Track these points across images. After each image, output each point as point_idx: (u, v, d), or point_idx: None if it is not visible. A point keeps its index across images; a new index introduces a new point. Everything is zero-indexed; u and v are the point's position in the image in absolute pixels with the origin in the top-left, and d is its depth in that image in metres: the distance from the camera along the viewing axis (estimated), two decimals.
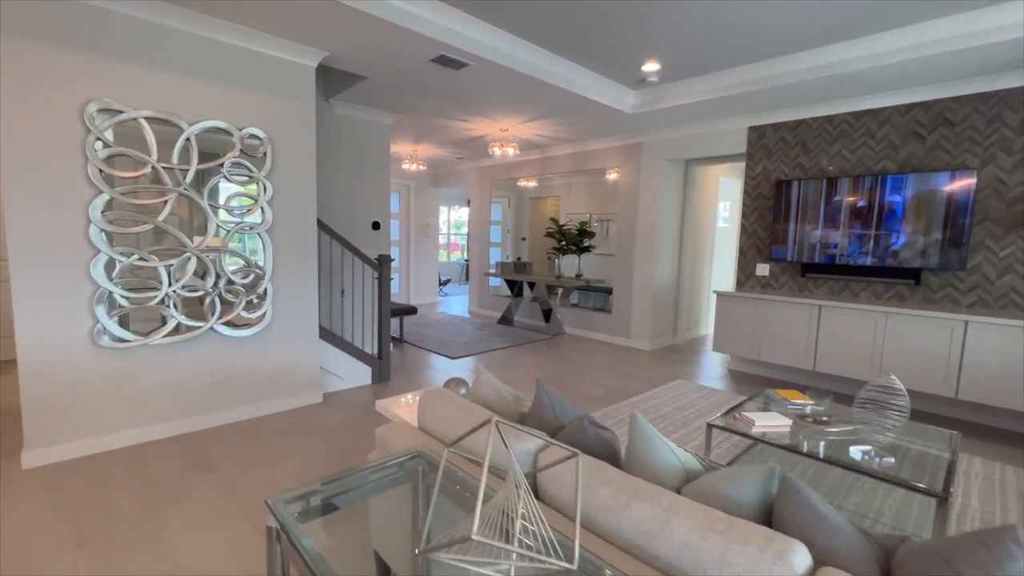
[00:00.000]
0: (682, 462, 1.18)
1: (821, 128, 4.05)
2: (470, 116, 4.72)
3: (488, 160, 7.25)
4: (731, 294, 4.20)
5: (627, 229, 5.55)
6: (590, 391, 3.87)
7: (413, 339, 5.50)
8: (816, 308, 3.72)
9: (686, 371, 4.53)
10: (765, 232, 4.43)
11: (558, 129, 5.18)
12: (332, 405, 3.41)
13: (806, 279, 4.18)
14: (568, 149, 6.06)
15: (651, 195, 5.30)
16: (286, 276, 3.19)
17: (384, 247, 4.80)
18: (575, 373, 4.37)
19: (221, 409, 3.01)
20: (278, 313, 3.17)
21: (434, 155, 6.98)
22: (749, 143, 4.49)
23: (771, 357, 4.00)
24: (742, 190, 6.74)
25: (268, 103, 3.02)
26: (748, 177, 4.53)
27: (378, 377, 3.92)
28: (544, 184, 8.32)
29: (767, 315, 4.00)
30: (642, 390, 3.91)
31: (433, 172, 8.35)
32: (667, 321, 5.61)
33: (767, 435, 2.20)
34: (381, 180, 4.77)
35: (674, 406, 3.53)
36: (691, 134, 4.86)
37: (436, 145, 6.26)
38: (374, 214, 4.74)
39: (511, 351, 5.16)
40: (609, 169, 6.02)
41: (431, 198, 8.57)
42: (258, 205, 2.98)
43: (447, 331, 6.03)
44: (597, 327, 5.94)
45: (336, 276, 4.24)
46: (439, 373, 4.27)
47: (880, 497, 2.34)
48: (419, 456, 1.24)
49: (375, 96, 4.12)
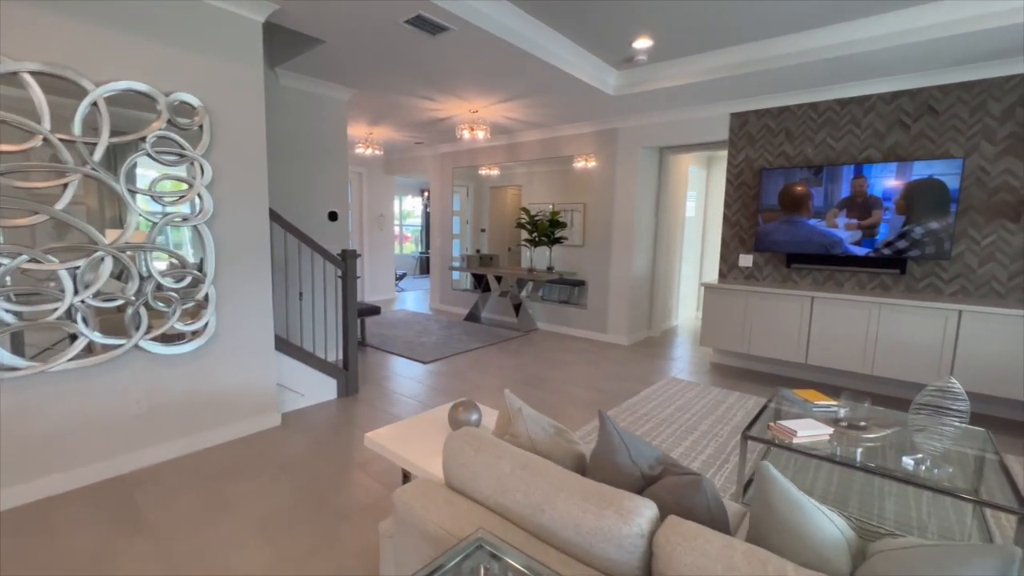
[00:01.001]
0: (841, 531, 0.88)
1: (806, 115, 3.97)
2: (438, 94, 4.25)
3: (449, 145, 6.77)
4: (720, 286, 4.06)
5: (603, 220, 5.31)
6: (581, 394, 3.59)
7: (376, 342, 4.99)
8: (808, 299, 3.65)
9: (671, 366, 4.36)
10: (748, 222, 4.32)
11: (531, 112, 4.82)
12: (294, 427, 2.90)
13: (791, 270, 4.11)
14: (537, 135, 5.72)
15: (628, 184, 5.08)
16: (233, 277, 2.63)
17: (344, 240, 4.25)
18: (560, 374, 4.08)
19: (154, 444, 2.43)
20: (224, 322, 2.62)
21: (391, 139, 6.40)
22: (731, 130, 4.35)
23: (761, 350, 3.90)
24: (724, 179, 6.73)
25: (204, 64, 2.44)
26: (730, 165, 4.40)
27: (345, 390, 3.42)
28: (505, 173, 7.95)
29: (757, 307, 3.89)
30: (634, 390, 3.69)
31: (387, 158, 7.73)
32: (643, 314, 5.45)
33: (807, 445, 2.00)
34: (337, 165, 4.20)
35: (674, 407, 3.32)
36: (671, 120, 4.67)
37: (395, 128, 5.71)
38: (331, 203, 4.18)
39: (485, 352, 4.79)
40: (578, 157, 5.75)
41: (385, 186, 7.95)
42: (193, 191, 2.40)
43: (412, 331, 5.55)
44: (571, 322, 5.69)
45: (292, 276, 3.66)
46: (412, 382, 3.83)
47: (916, 503, 2.22)
48: (481, 545, 0.87)
49: (331, 66, 3.56)
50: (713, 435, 2.89)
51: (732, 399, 3.51)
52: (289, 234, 3.10)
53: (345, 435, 2.82)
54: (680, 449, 2.70)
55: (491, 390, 3.64)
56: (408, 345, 4.89)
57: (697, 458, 2.59)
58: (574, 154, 5.53)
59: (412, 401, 3.38)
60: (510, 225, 8.90)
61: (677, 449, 2.70)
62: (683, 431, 2.94)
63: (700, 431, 2.94)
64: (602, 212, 5.32)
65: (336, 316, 3.70)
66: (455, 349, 4.79)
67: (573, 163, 6.09)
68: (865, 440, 2.09)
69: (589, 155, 5.56)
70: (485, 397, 3.48)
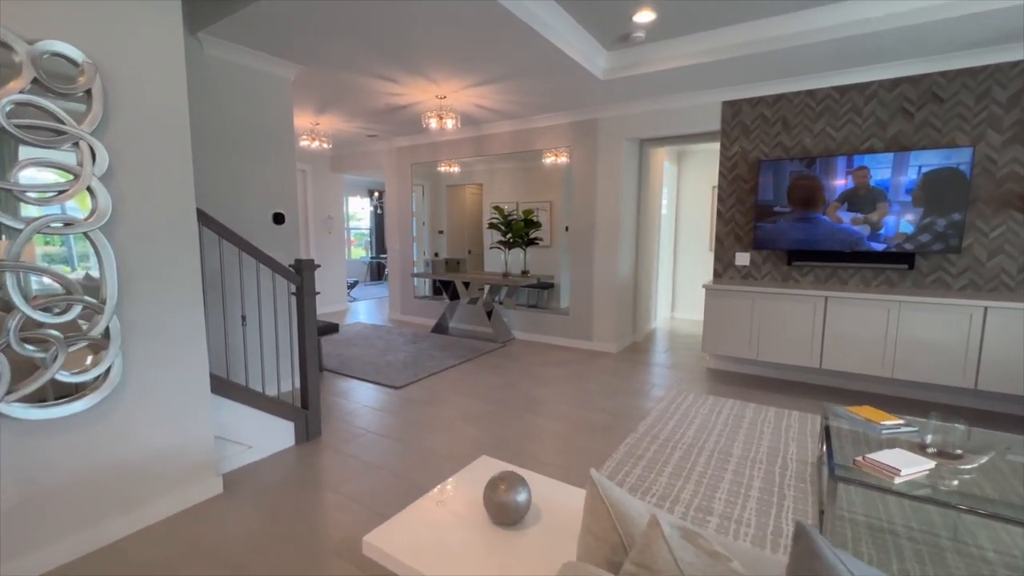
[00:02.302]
0: None
1: (803, 104, 3.74)
2: (403, 74, 3.64)
3: (407, 139, 6.12)
4: (723, 288, 3.75)
5: (585, 219, 4.90)
6: (588, 418, 3.13)
7: (335, 365, 4.28)
8: (822, 300, 3.39)
9: (670, 376, 4.01)
10: (744, 218, 4.05)
11: (505, 99, 4.31)
12: (241, 494, 2.22)
13: (791, 267, 3.88)
14: (508, 127, 5.22)
15: (611, 179, 4.70)
16: (147, 302, 1.93)
17: (294, 248, 3.54)
18: (553, 393, 3.60)
19: (31, 549, 1.69)
20: (135, 365, 1.91)
21: (340, 131, 5.66)
22: (724, 120, 4.06)
23: (771, 356, 3.62)
24: (695, 176, 6.54)
25: (94, 5, 1.73)
26: (723, 158, 4.11)
27: (305, 434, 2.75)
28: (465, 170, 7.39)
29: (765, 309, 3.61)
30: (643, 408, 3.28)
31: (335, 154, 6.94)
32: (627, 318, 5.10)
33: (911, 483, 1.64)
34: (283, 157, 3.49)
35: (695, 428, 2.93)
36: (657, 110, 4.33)
37: (346, 117, 4.99)
38: (276, 203, 3.46)
39: (462, 370, 4.22)
40: (549, 152, 5.31)
41: (333, 186, 7.14)
42: (80, 184, 1.69)
43: (375, 349, 4.87)
44: (551, 330, 5.23)
45: (232, 294, 2.93)
46: (386, 415, 3.20)
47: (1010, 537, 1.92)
48: None
49: (271, 34, 2.88)
50: (752, 461, 2.52)
51: (750, 412, 3.18)
52: (226, 242, 2.40)
53: (311, 500, 2.18)
54: (725, 485, 2.29)
55: (485, 420, 3.09)
56: (373, 367, 4.22)
57: (749, 496, 2.20)
58: (548, 148, 5.09)
59: (391, 442, 2.78)
60: (470, 226, 8.35)
61: (722, 484, 2.29)
62: (719, 459, 2.55)
63: (736, 457, 2.56)
64: (583, 210, 4.90)
65: (290, 342, 3.00)
66: (428, 369, 4.18)
67: (543, 158, 5.66)
68: (963, 472, 1.76)
69: (560, 150, 5.13)
70: (481, 429, 2.93)
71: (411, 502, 2.02)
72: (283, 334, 3.30)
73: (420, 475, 2.39)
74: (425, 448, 2.69)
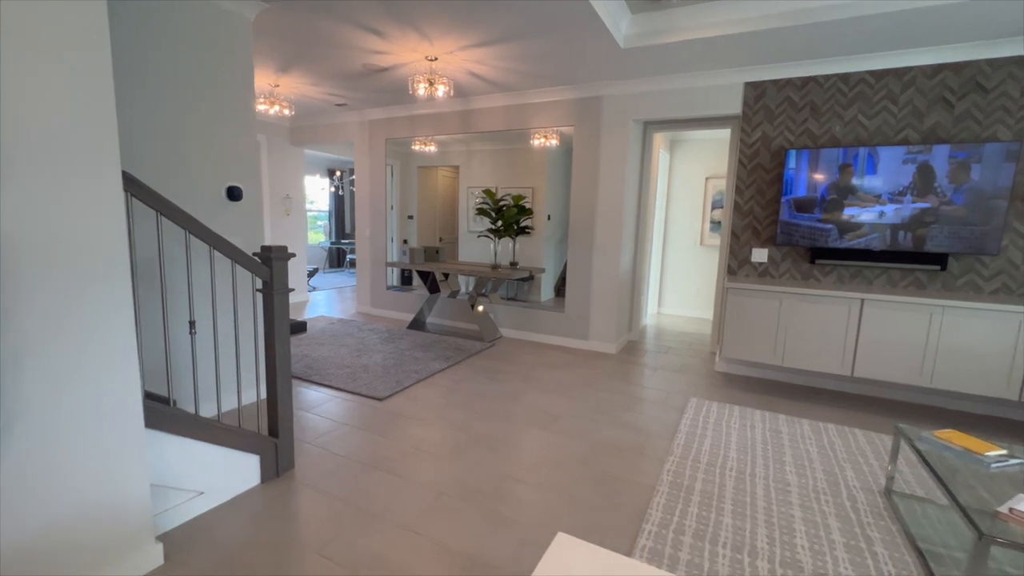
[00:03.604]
0: None
1: (835, 88, 3.44)
2: (391, 25, 3.03)
3: (383, 110, 5.43)
4: (747, 287, 3.42)
5: (585, 206, 4.46)
6: (619, 437, 2.71)
7: (303, 370, 3.64)
8: (857, 302, 3.13)
9: (682, 381, 3.67)
10: (764, 211, 3.75)
11: (504, 67, 3.77)
12: (189, 565, 1.64)
13: (813, 266, 3.61)
14: (501, 100, 4.68)
15: (616, 165, 4.28)
16: (47, 308, 1.30)
17: (256, 231, 2.88)
18: (570, 404, 3.16)
19: None
20: (30, 398, 1.29)
21: (304, 96, 4.91)
22: (746, 103, 3.72)
23: (797, 362, 3.34)
24: (687, 166, 6.23)
25: None
26: (743, 145, 3.77)
27: (275, 468, 2.17)
28: (440, 151, 6.79)
29: (795, 312, 3.31)
30: (668, 422, 2.91)
31: (296, 125, 6.13)
32: (624, 316, 4.74)
33: None
34: (240, 116, 2.81)
35: (733, 447, 2.58)
36: (672, 89, 3.93)
37: (313, 79, 4.28)
38: (231, 174, 2.79)
39: (453, 374, 3.71)
40: (537, 133, 4.84)
41: (292, 161, 6.33)
42: None
43: (347, 349, 4.25)
44: (542, 327, 4.79)
45: (176, 293, 2.27)
46: (374, 437, 2.66)
47: None
48: None
49: None
50: (814, 492, 2.18)
51: (783, 426, 2.88)
52: (168, 221, 1.77)
53: (288, 569, 1.63)
54: (799, 525, 1.94)
55: (497, 442, 2.61)
56: (349, 372, 3.63)
57: (833, 541, 1.85)
58: (545, 126, 4.59)
59: (385, 477, 2.24)
60: (443, 212, 7.77)
61: (795, 526, 1.94)
62: (777, 489, 2.20)
63: (795, 486, 2.22)
64: (583, 197, 4.46)
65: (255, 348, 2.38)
66: (414, 374, 3.64)
67: (531, 140, 5.17)
68: None
69: (551, 132, 4.68)
70: (497, 456, 2.44)
71: (433, 574, 1.52)
72: (245, 337, 2.66)
73: (434, 527, 1.89)
74: (432, 485, 2.19)
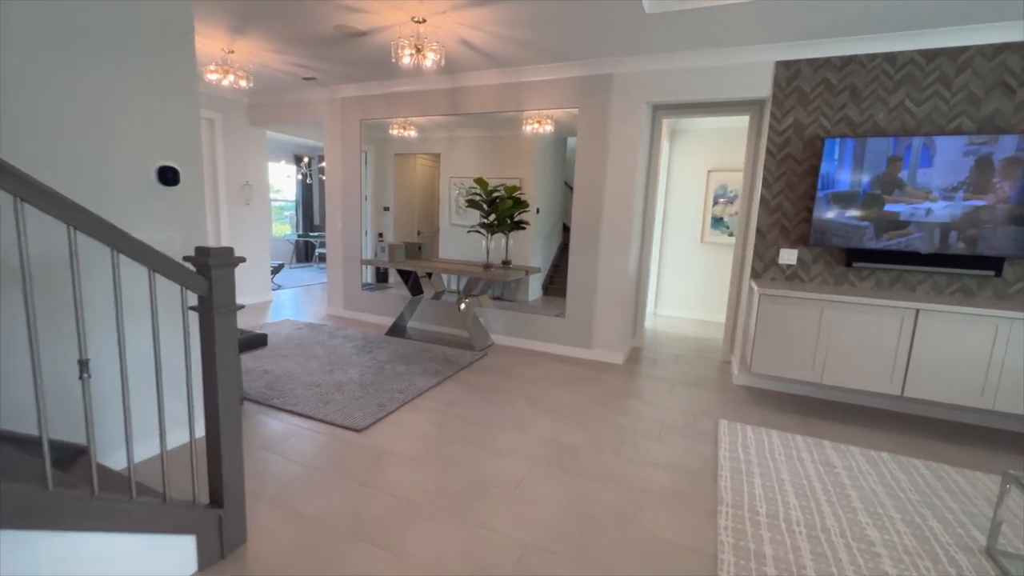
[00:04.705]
0: None
1: (879, 69, 3.05)
2: None
3: (357, 87, 4.79)
4: (787, 294, 3.01)
5: (590, 200, 3.98)
6: (654, 479, 2.25)
7: (261, 391, 3.04)
8: (911, 312, 2.75)
9: (702, 399, 3.26)
10: (794, 207, 3.35)
11: (503, 34, 3.23)
12: None
13: (849, 269, 3.24)
14: (495, 78, 4.13)
15: (627, 153, 3.81)
16: None
17: (197, 224, 2.27)
18: (588, 434, 2.68)
19: None
20: None
21: (265, 66, 4.23)
22: (777, 84, 3.30)
23: (838, 379, 2.96)
24: (686, 158, 5.82)
25: None
26: (772, 133, 3.36)
27: (218, 549, 1.60)
28: (420, 136, 6.18)
29: (837, 323, 2.92)
30: (709, 456, 2.47)
31: (255, 102, 5.40)
32: (629, 321, 4.30)
33: None
34: (176, 76, 2.18)
35: (792, 492, 2.16)
36: (691, 67, 3.47)
37: (275, 44, 3.62)
38: (164, 151, 2.16)
39: (446, 393, 3.18)
40: (529, 118, 4.34)
41: (253, 143, 5.60)
42: None
43: (317, 361, 3.65)
44: (539, 334, 4.31)
45: (57, 312, 1.66)
46: (354, 487, 2.11)
47: None
48: None
49: None
50: (905, 553, 1.77)
51: (834, 457, 2.49)
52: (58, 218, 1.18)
53: None
54: None
55: (512, 493, 2.10)
56: (319, 394, 3.04)
57: None
58: (545, 108, 4.08)
59: (375, 552, 1.71)
60: (422, 203, 7.16)
61: None
62: (862, 550, 1.78)
63: (880, 544, 1.81)
64: (588, 190, 3.98)
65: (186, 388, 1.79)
66: (397, 394, 3.09)
67: (523, 126, 4.65)
68: None
69: (544, 119, 4.17)
70: (513, 515, 1.94)
71: None
72: (172, 362, 2.05)
73: None
74: (433, 563, 1.67)
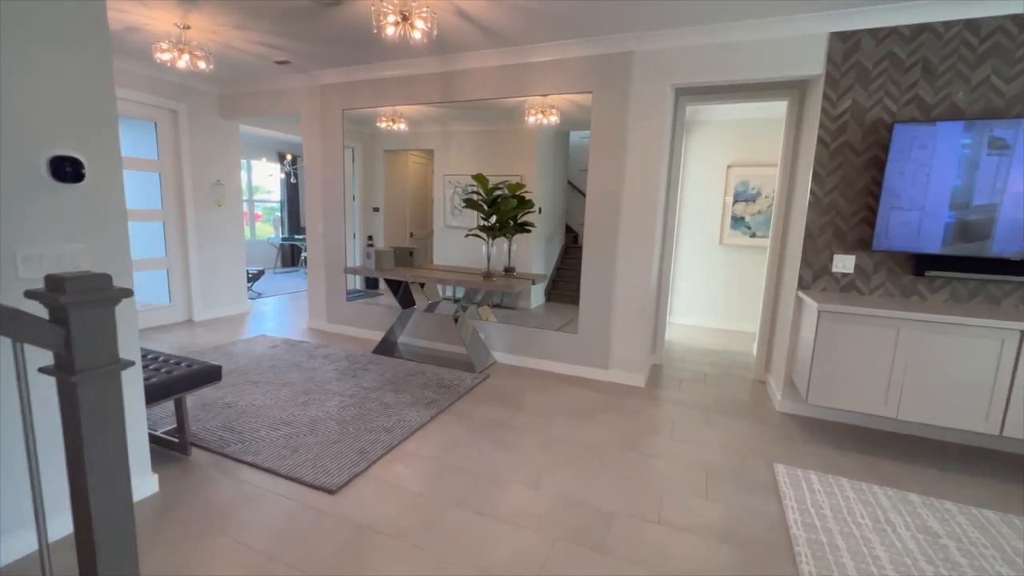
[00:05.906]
0: None
1: (959, 39, 2.55)
2: None
3: (339, 72, 4.24)
4: (850, 310, 2.50)
5: (607, 200, 3.46)
6: (713, 556, 1.73)
7: (215, 438, 2.48)
8: (1015, 335, 2.25)
9: (748, 433, 2.75)
10: (851, 206, 2.84)
11: (506, 3, 2.69)
12: None
13: (918, 278, 2.74)
14: (495, 59, 3.59)
15: (651, 145, 3.29)
16: None
17: (114, 233, 1.72)
18: (623, 489, 2.16)
19: None
20: None
21: (229, 47, 3.67)
22: (831, 61, 2.78)
23: (919, 415, 2.44)
24: (700, 150, 5.31)
25: None
26: (826, 118, 2.85)
27: None
28: (412, 132, 5.65)
29: (920, 346, 2.41)
30: (773, 518, 1.96)
31: (225, 92, 4.83)
32: (649, 336, 3.79)
33: None
34: (79, 35, 1.63)
35: (892, 567, 1.65)
36: (727, 42, 2.96)
37: (237, 18, 3.06)
38: (62, 136, 1.61)
39: (438, 432, 2.65)
40: (532, 109, 3.83)
41: (224, 138, 5.03)
42: None
43: (290, 390, 3.10)
44: (548, 351, 3.78)
45: None
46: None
47: None
48: None
49: None
50: None
51: (929, 518, 1.98)
52: None
53: None
54: None
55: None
56: (287, 437, 2.50)
57: None
58: (553, 93, 3.55)
59: None
60: (415, 203, 6.64)
61: None
62: None
63: None
64: (604, 188, 3.45)
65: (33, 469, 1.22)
66: (384, 435, 2.55)
67: (527, 116, 4.14)
68: None
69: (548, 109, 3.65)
70: None
71: None
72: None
73: None
74: None
